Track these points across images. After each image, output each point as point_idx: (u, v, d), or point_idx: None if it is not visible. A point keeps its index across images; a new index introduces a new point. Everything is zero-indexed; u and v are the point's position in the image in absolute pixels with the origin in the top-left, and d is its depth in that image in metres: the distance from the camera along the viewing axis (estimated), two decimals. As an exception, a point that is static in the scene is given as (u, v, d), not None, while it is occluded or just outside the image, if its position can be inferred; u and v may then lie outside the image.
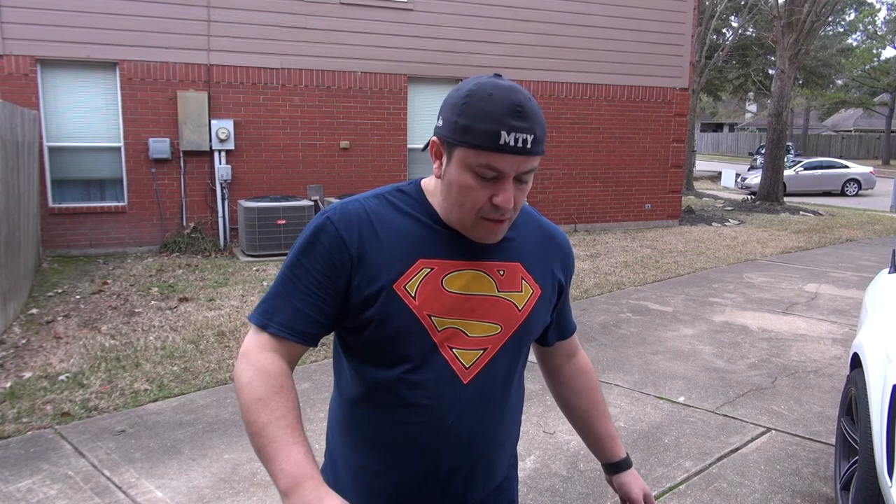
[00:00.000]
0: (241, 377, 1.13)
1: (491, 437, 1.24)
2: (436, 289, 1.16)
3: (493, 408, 1.23)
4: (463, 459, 1.21)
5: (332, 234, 1.14)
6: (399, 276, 1.14)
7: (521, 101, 1.08)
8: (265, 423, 1.07)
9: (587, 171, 12.00)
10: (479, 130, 1.06)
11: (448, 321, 1.16)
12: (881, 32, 38.78)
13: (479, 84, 1.09)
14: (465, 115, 1.07)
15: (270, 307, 1.17)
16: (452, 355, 1.17)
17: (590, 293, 7.22)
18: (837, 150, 41.35)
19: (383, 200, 1.20)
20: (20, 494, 3.08)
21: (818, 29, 18.57)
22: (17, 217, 6.13)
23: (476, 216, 1.13)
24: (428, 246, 1.17)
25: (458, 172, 1.10)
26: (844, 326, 6.13)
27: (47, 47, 8.45)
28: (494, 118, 1.05)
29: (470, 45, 10.68)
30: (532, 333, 1.29)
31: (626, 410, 4.17)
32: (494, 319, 1.20)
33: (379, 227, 1.16)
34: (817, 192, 22.21)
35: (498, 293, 1.21)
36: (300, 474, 1.02)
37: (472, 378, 1.19)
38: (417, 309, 1.14)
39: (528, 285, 1.25)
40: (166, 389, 4.35)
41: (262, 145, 9.67)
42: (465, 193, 1.11)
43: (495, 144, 1.06)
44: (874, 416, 2.57)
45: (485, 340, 1.20)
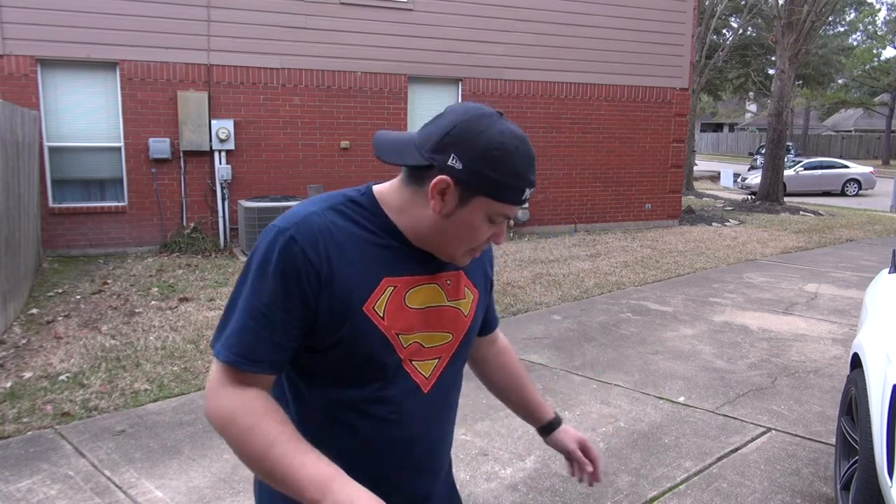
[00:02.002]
0: (220, 415, 1.07)
1: (446, 438, 1.33)
2: (400, 307, 1.16)
3: (447, 411, 1.30)
4: (426, 464, 1.27)
5: (298, 255, 1.07)
6: (367, 297, 1.13)
7: (534, 154, 1.13)
8: (267, 446, 1.04)
9: (587, 171, 12.00)
10: (513, 188, 1.09)
11: (412, 337, 1.18)
12: (881, 32, 38.79)
13: (502, 133, 1.08)
14: (499, 172, 1.07)
15: (237, 342, 1.09)
16: (414, 368, 1.20)
17: (590, 293, 7.22)
18: (837, 150, 41.35)
19: (340, 214, 1.14)
20: (20, 494, 3.08)
21: (818, 29, 18.57)
22: (18, 217, 6.13)
23: (468, 248, 1.17)
24: (390, 264, 1.16)
25: (474, 217, 1.12)
26: (844, 326, 6.13)
27: (47, 47, 8.45)
28: (524, 177, 1.10)
29: (470, 45, 10.69)
30: (474, 335, 1.34)
31: (626, 410, 4.17)
32: (446, 328, 1.24)
33: (344, 245, 1.12)
34: (817, 192, 22.21)
35: (447, 302, 1.24)
36: (324, 478, 1.01)
37: (431, 387, 1.23)
38: (387, 329, 1.15)
39: (469, 291, 1.29)
40: (166, 389, 4.35)
41: (262, 145, 9.67)
42: (474, 234, 1.14)
43: (520, 199, 1.12)
44: (874, 416, 2.57)
45: (439, 349, 1.23)
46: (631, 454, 3.59)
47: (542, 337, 5.64)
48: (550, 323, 6.07)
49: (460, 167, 1.07)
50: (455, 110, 1.11)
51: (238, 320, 1.10)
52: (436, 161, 1.08)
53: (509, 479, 3.31)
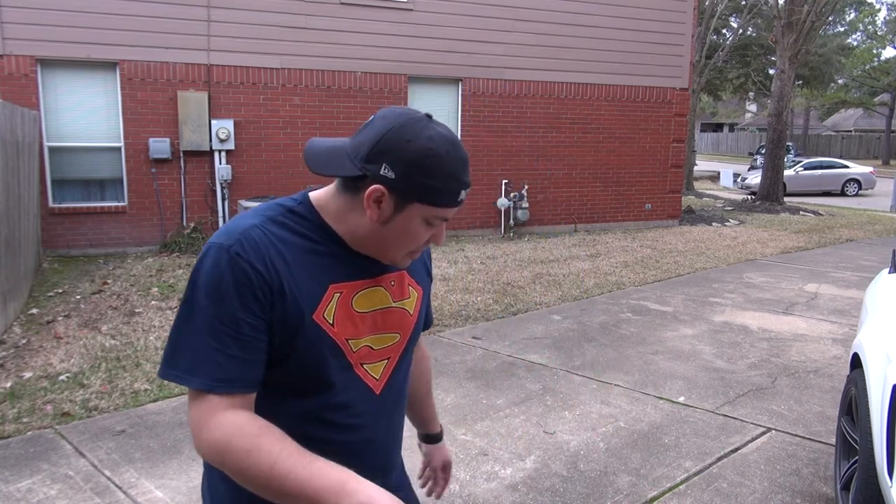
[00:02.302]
0: (215, 447, 1.05)
1: (398, 437, 1.36)
2: (348, 312, 1.18)
3: (398, 410, 1.33)
4: (381, 463, 1.29)
5: (249, 271, 1.07)
6: (316, 305, 1.13)
7: (466, 155, 1.13)
8: (271, 466, 1.02)
9: (587, 171, 12.00)
10: (447, 192, 1.10)
11: (361, 341, 1.20)
12: (881, 32, 38.79)
13: (432, 139, 1.08)
14: (430, 177, 1.08)
15: (208, 366, 1.06)
16: (364, 371, 1.22)
17: (590, 293, 7.22)
18: (837, 150, 41.34)
19: (280, 225, 1.14)
20: (20, 494, 3.08)
21: (818, 29, 18.58)
22: (18, 217, 6.13)
23: (408, 252, 1.19)
24: (335, 270, 1.17)
25: (411, 223, 1.13)
26: (844, 326, 6.13)
27: (47, 47, 8.45)
28: (457, 179, 1.11)
29: (470, 45, 10.69)
30: (420, 332, 1.36)
31: (626, 410, 4.17)
32: (394, 329, 1.26)
33: (287, 255, 1.12)
34: (817, 192, 22.20)
35: (394, 304, 1.26)
36: (337, 482, 1.00)
37: (383, 388, 1.26)
38: (337, 335, 1.16)
39: (412, 289, 1.31)
40: (166, 389, 4.35)
41: (262, 145, 9.67)
42: (412, 239, 1.15)
43: (455, 202, 1.13)
44: (874, 416, 2.57)
45: (388, 350, 1.25)
46: (631, 454, 3.59)
47: (542, 337, 5.64)
48: (550, 323, 6.07)
49: (393, 176, 1.08)
50: (384, 116, 1.11)
51: (200, 344, 1.06)
52: (369, 171, 1.09)
53: (509, 479, 3.31)
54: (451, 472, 1.66)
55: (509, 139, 11.25)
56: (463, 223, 11.10)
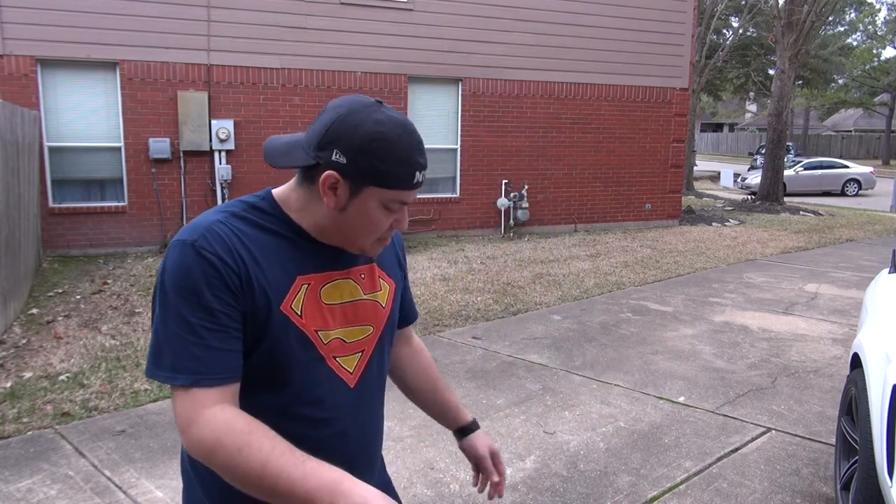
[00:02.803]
0: (204, 444, 1.04)
1: (377, 432, 1.34)
2: (317, 303, 1.17)
3: (375, 404, 1.31)
4: (359, 458, 1.27)
5: (216, 263, 1.07)
6: (283, 296, 1.13)
7: (420, 139, 1.13)
8: (262, 464, 1.01)
9: (587, 171, 12.00)
10: (398, 174, 1.10)
11: (332, 333, 1.19)
12: (881, 32, 38.79)
13: (380, 122, 1.09)
14: (380, 160, 1.08)
15: (186, 360, 1.06)
16: (337, 364, 1.21)
17: (590, 293, 7.22)
18: (837, 150, 41.35)
19: (244, 220, 1.15)
20: (20, 494, 3.08)
21: (818, 29, 18.58)
22: (18, 217, 6.13)
23: (375, 239, 1.18)
24: (301, 262, 1.17)
25: (368, 207, 1.13)
26: (844, 326, 6.13)
27: (47, 47, 8.45)
28: (410, 161, 1.11)
29: (470, 45, 10.69)
30: (395, 326, 1.36)
31: (626, 410, 4.17)
32: (366, 321, 1.26)
33: (253, 248, 1.12)
34: (817, 192, 22.21)
35: (364, 296, 1.26)
36: (330, 482, 1.00)
37: (357, 381, 1.25)
38: (305, 326, 1.15)
39: (384, 282, 1.32)
40: (166, 389, 4.35)
41: (262, 145, 9.65)
42: (373, 224, 1.15)
43: (410, 184, 1.12)
44: (874, 416, 2.57)
45: (361, 343, 1.25)
46: (631, 454, 3.59)
47: (542, 337, 5.64)
48: (550, 323, 6.07)
49: (345, 161, 1.09)
50: (334, 105, 1.13)
51: (177, 341, 1.06)
52: (321, 159, 1.11)
53: (509, 479, 3.30)
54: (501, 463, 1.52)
55: (509, 139, 11.25)
56: (463, 223, 11.10)
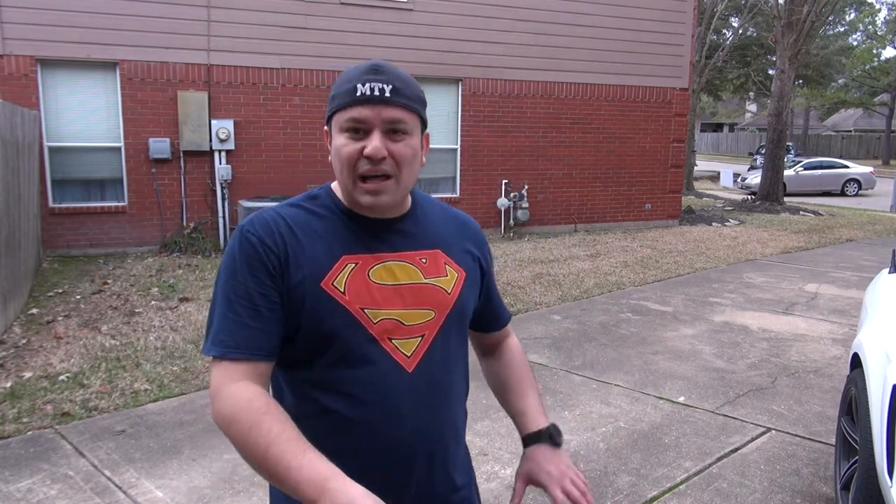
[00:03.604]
0: (223, 415, 1.09)
1: (443, 422, 1.26)
2: (364, 282, 1.18)
3: (440, 393, 1.25)
4: (419, 447, 1.22)
5: (256, 244, 1.15)
6: (325, 273, 1.16)
7: (379, 63, 1.18)
8: (266, 446, 1.04)
9: (587, 171, 12.00)
10: (341, 93, 1.17)
11: (382, 313, 1.18)
12: (881, 32, 38.78)
13: (350, 68, 1.21)
14: (333, 87, 1.19)
15: (222, 334, 1.13)
16: (393, 346, 1.19)
17: (590, 293, 7.22)
18: (837, 150, 41.33)
19: (297, 207, 1.23)
20: (20, 494, 3.08)
21: (818, 29, 18.58)
22: (18, 217, 6.13)
23: (355, 178, 1.16)
24: (349, 242, 1.20)
25: (335, 138, 1.18)
26: (844, 326, 6.13)
27: (47, 47, 8.45)
28: (353, 78, 1.16)
29: (470, 45, 10.68)
30: (465, 314, 1.32)
31: (626, 410, 4.17)
32: (427, 305, 1.23)
33: (297, 230, 1.18)
34: (817, 192, 22.20)
35: (425, 280, 1.24)
36: (321, 477, 1.00)
37: (416, 366, 1.21)
38: (349, 304, 1.16)
39: (451, 269, 1.29)
40: (166, 389, 4.35)
41: (262, 145, 9.67)
42: (340, 153, 1.16)
43: (353, 98, 1.15)
44: (874, 416, 2.57)
45: (421, 327, 1.22)
46: (631, 454, 3.59)
47: (542, 337, 5.64)
48: (550, 323, 6.07)
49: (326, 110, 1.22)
50: None
51: (219, 316, 1.15)
52: None
53: (509, 479, 3.30)
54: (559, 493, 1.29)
55: (509, 139, 11.25)
56: (463, 223, 11.08)
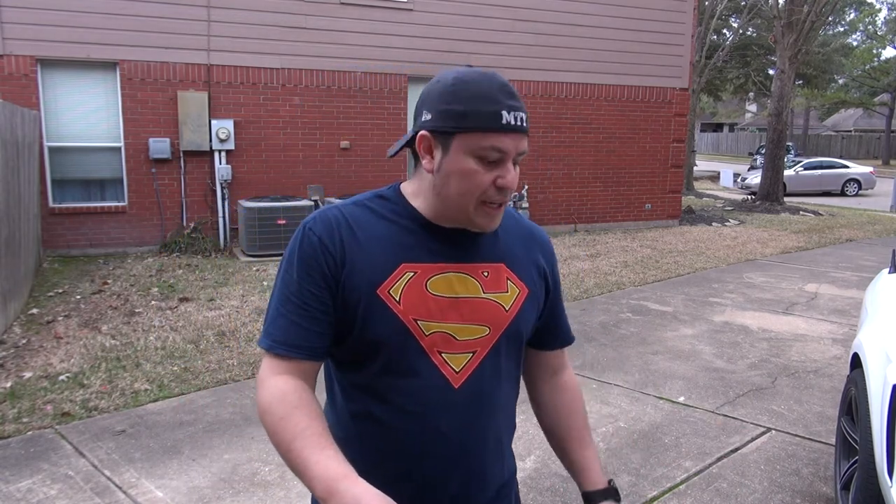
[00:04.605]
0: (260, 405, 1.12)
1: (484, 441, 1.22)
2: (420, 293, 1.14)
3: (484, 411, 1.21)
4: (457, 464, 1.19)
5: (315, 243, 1.14)
6: (382, 280, 1.13)
7: (506, 82, 1.11)
8: (291, 439, 1.05)
9: (587, 171, 12.00)
10: (480, 113, 1.06)
11: (434, 325, 1.15)
12: (881, 32, 38.78)
13: (460, 72, 1.11)
14: (459, 101, 1.07)
15: (273, 328, 1.15)
16: (442, 360, 1.16)
17: (590, 293, 7.22)
18: (837, 150, 41.32)
19: (363, 207, 1.19)
20: (20, 494, 3.08)
21: (818, 29, 18.57)
22: (18, 217, 6.13)
23: (478, 202, 1.12)
24: (410, 249, 1.16)
25: (460, 160, 1.09)
26: (844, 326, 6.13)
27: (47, 47, 8.45)
28: (492, 99, 1.07)
29: (470, 45, 10.68)
30: (522, 334, 1.25)
31: (626, 410, 4.17)
32: (482, 321, 1.18)
33: (359, 232, 1.15)
34: (817, 192, 22.20)
35: (484, 294, 1.19)
36: (332, 476, 1.00)
37: (463, 382, 1.17)
38: (403, 314, 1.13)
39: (513, 285, 1.23)
40: (166, 389, 4.35)
41: (262, 145, 9.67)
42: (469, 179, 1.10)
43: (498, 124, 1.07)
44: (874, 416, 2.57)
45: (473, 343, 1.18)
46: (631, 454, 3.59)
47: (542, 337, 5.63)
48: (550, 323, 6.06)
49: (430, 117, 1.11)
50: None
51: (274, 310, 1.16)
52: (416, 127, 1.15)
53: (509, 479, 3.30)
54: None
55: (509, 139, 11.23)
56: (463, 223, 11.08)
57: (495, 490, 1.27)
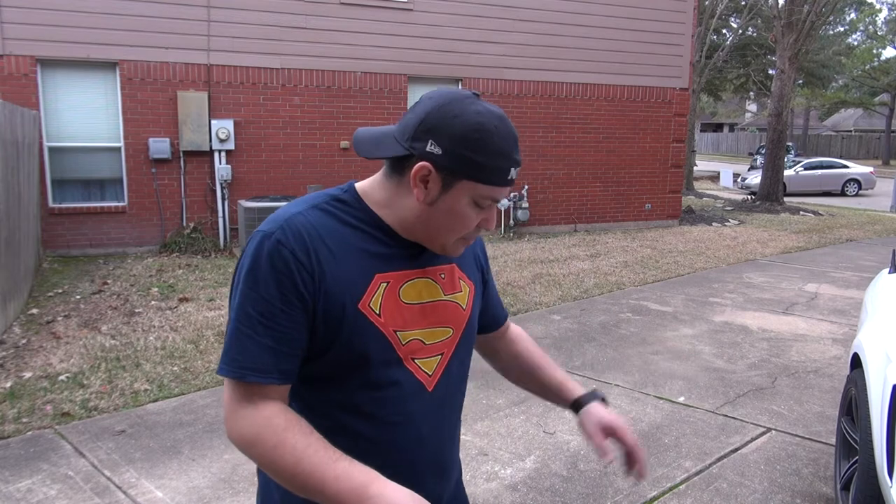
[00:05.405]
0: (243, 438, 1.05)
1: (451, 438, 1.29)
2: (396, 303, 1.14)
3: (452, 409, 1.27)
4: (433, 464, 1.23)
5: (288, 258, 1.05)
6: (361, 294, 1.10)
7: (515, 132, 1.11)
8: (296, 462, 1.01)
9: (587, 171, 12.00)
10: (495, 168, 1.07)
11: (410, 333, 1.15)
12: (881, 32, 38.78)
13: (481, 115, 1.06)
14: (481, 153, 1.05)
15: (240, 355, 1.05)
16: (416, 366, 1.17)
17: (590, 293, 7.22)
18: (837, 150, 41.33)
19: (325, 212, 1.12)
20: (20, 494, 3.08)
21: (818, 29, 18.58)
22: (18, 217, 6.13)
23: (458, 238, 1.15)
24: (380, 259, 1.14)
25: (459, 202, 1.09)
26: (844, 326, 6.13)
27: (47, 47, 8.45)
28: (507, 156, 1.08)
29: (470, 45, 10.68)
30: (475, 328, 1.31)
31: (626, 410, 4.17)
32: (446, 323, 1.21)
33: (331, 244, 1.09)
34: (817, 192, 22.20)
35: (444, 297, 1.21)
36: (359, 485, 0.98)
37: (435, 385, 1.20)
38: (384, 326, 1.12)
39: (464, 284, 1.27)
40: (166, 389, 4.35)
41: (262, 145, 9.67)
42: (461, 221, 1.12)
43: (505, 180, 1.09)
44: (874, 416, 2.57)
45: (441, 345, 1.21)
46: (631, 454, 3.58)
47: (542, 337, 5.64)
48: (550, 323, 6.07)
49: (440, 152, 1.06)
50: (431, 96, 1.10)
51: (235, 333, 1.07)
52: (415, 149, 1.07)
53: (509, 479, 3.31)
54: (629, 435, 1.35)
55: (509, 139, 11.24)
56: (463, 223, 11.09)
57: (454, 482, 1.33)
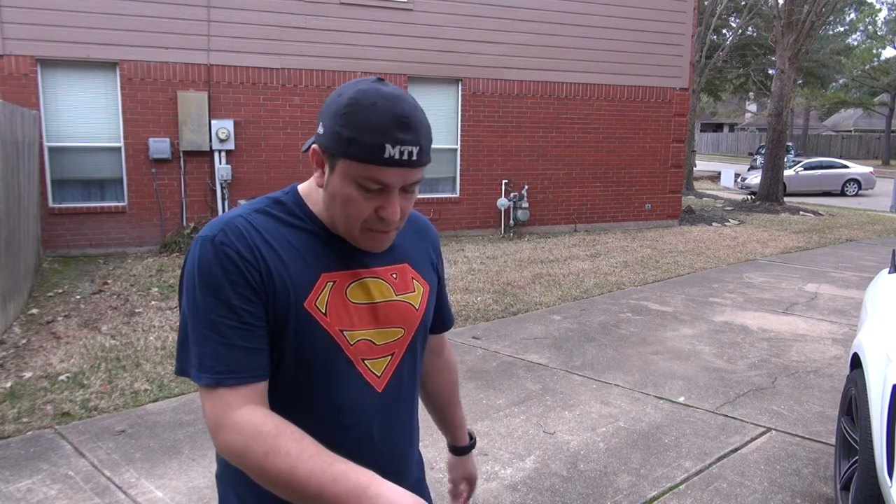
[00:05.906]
0: (232, 449, 1.02)
1: (406, 437, 1.28)
2: (343, 302, 1.12)
3: (404, 409, 1.25)
4: (388, 465, 1.20)
5: (234, 257, 1.04)
6: (307, 293, 1.08)
7: (406, 112, 1.02)
8: (289, 470, 0.98)
9: (587, 171, 12.00)
10: (363, 143, 1.00)
11: (358, 333, 1.14)
12: (881, 32, 38.78)
13: (362, 91, 1.02)
14: (348, 126, 1.01)
15: (210, 360, 1.03)
16: (365, 367, 1.16)
17: (590, 293, 7.22)
18: (837, 150, 41.34)
19: (266, 215, 1.11)
20: (20, 494, 3.08)
21: (818, 29, 18.58)
22: (18, 217, 6.13)
23: (362, 227, 1.09)
24: (326, 258, 1.12)
25: (342, 184, 1.05)
26: (844, 326, 6.13)
27: (47, 47, 8.45)
28: (379, 130, 1.00)
29: (470, 45, 10.69)
30: (427, 328, 1.30)
31: (626, 410, 4.17)
32: (397, 324, 1.20)
33: (274, 244, 1.08)
34: (817, 192, 22.21)
35: (396, 297, 1.20)
36: (359, 485, 0.97)
37: (385, 385, 1.19)
38: (329, 326, 1.10)
39: (418, 284, 1.25)
40: (166, 389, 4.35)
41: (262, 145, 9.67)
42: (350, 205, 1.06)
43: (380, 158, 1.01)
44: (874, 416, 2.57)
45: (391, 345, 1.20)
46: (631, 454, 3.59)
47: (542, 337, 5.64)
48: (550, 323, 6.07)
49: (322, 132, 1.05)
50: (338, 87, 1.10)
51: (200, 338, 1.04)
52: (312, 138, 1.09)
53: (509, 479, 3.31)
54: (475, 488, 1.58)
55: (509, 139, 11.25)
56: (463, 223, 11.10)
57: (413, 482, 1.32)
